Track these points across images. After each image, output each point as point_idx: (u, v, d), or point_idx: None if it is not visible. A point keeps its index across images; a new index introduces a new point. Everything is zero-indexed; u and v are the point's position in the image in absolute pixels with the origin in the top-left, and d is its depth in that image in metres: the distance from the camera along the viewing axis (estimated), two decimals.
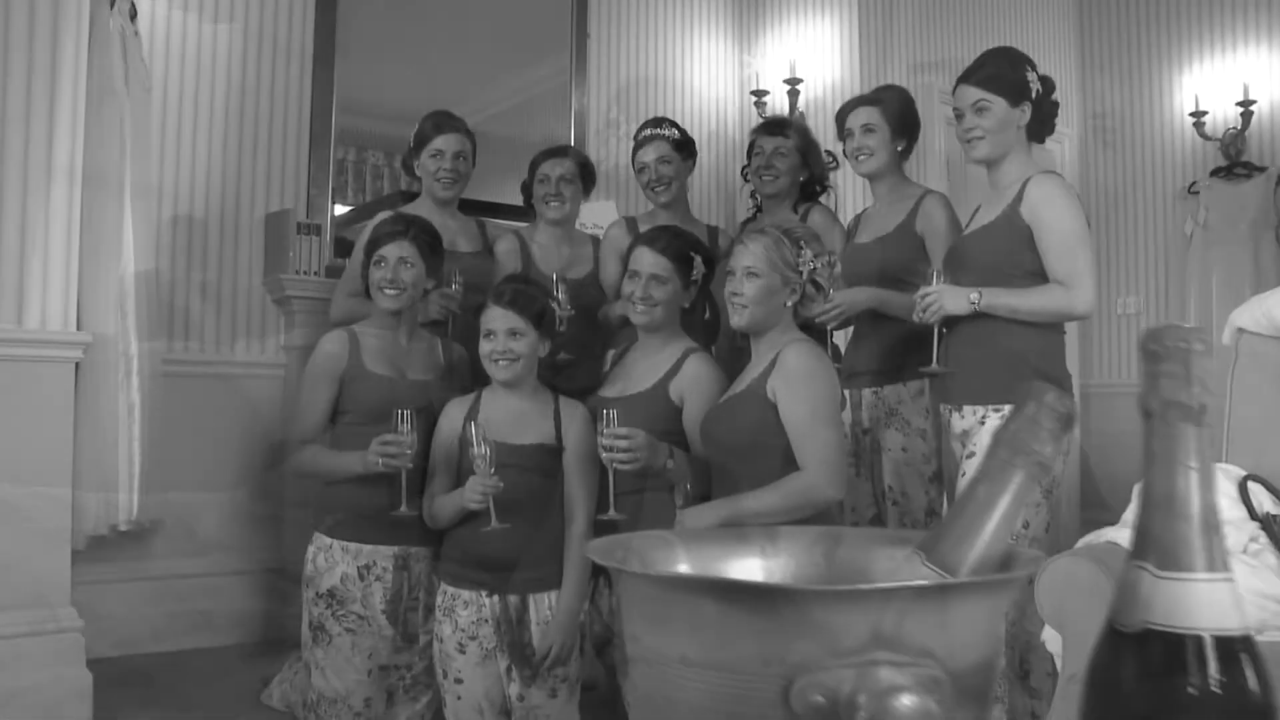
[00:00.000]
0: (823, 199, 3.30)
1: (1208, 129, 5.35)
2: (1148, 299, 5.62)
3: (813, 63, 5.02)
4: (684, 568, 0.64)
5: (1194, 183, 5.35)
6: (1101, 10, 5.88)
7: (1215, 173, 5.27)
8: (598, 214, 4.16)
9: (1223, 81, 5.31)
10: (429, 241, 2.72)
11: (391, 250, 2.65)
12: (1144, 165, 5.66)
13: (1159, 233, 5.53)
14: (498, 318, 2.49)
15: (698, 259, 2.61)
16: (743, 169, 3.41)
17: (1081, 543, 1.84)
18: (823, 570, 0.67)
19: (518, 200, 3.48)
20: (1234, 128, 5.24)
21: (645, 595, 0.52)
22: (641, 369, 2.61)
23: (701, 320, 2.75)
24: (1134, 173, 5.68)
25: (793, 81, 4.98)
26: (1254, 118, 5.20)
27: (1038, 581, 1.75)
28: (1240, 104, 5.20)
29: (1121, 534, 1.80)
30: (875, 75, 4.81)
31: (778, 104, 5.09)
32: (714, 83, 5.38)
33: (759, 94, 5.15)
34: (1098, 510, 4.72)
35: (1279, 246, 5.05)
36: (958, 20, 5.29)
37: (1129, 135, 5.71)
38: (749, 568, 0.66)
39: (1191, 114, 5.39)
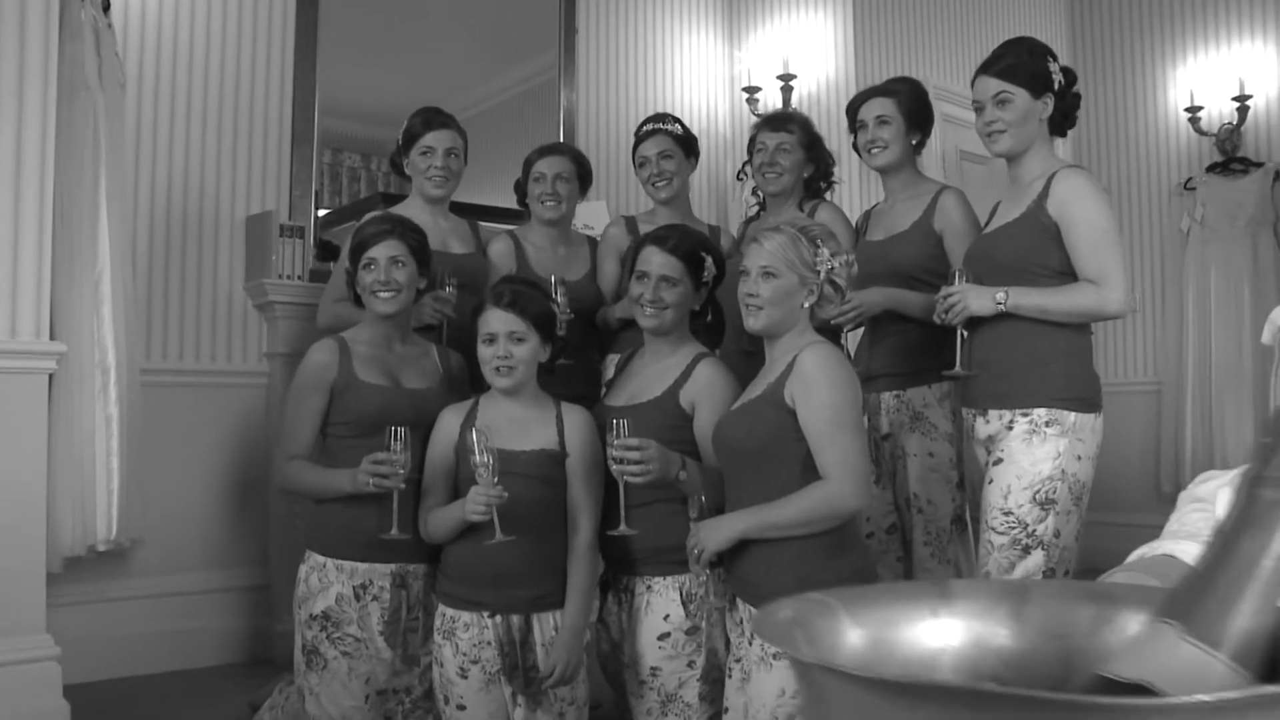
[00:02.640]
0: (828, 195, 3.19)
1: (1203, 124, 5.29)
2: (1144, 296, 5.56)
3: (806, 58, 4.92)
4: (854, 637, 0.52)
5: (1190, 179, 5.30)
6: (1093, 3, 5.83)
7: (1211, 168, 5.22)
8: (589, 214, 4.05)
9: (1218, 76, 5.26)
10: (417, 239, 2.62)
11: (380, 251, 2.54)
12: (1139, 161, 5.60)
13: (1155, 229, 5.47)
14: (498, 320, 2.37)
15: (709, 259, 2.50)
16: (743, 165, 3.30)
17: (1134, 555, 1.73)
18: (1015, 635, 0.55)
19: (504, 201, 3.36)
20: (1230, 123, 5.19)
21: (857, 702, 0.39)
22: (649, 376, 2.50)
23: (705, 324, 2.63)
24: (1128, 169, 5.62)
25: (786, 78, 4.87)
26: (1250, 113, 5.15)
27: None
28: (1236, 99, 5.15)
29: (1178, 546, 1.68)
30: (869, 71, 4.73)
31: (770, 101, 4.99)
32: (705, 79, 5.28)
33: (751, 90, 5.05)
34: (1104, 511, 4.64)
35: (1277, 242, 5.00)
36: (947, 14, 5.21)
37: (1123, 131, 5.66)
38: (928, 633, 0.54)
39: (1186, 109, 5.34)
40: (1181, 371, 5.24)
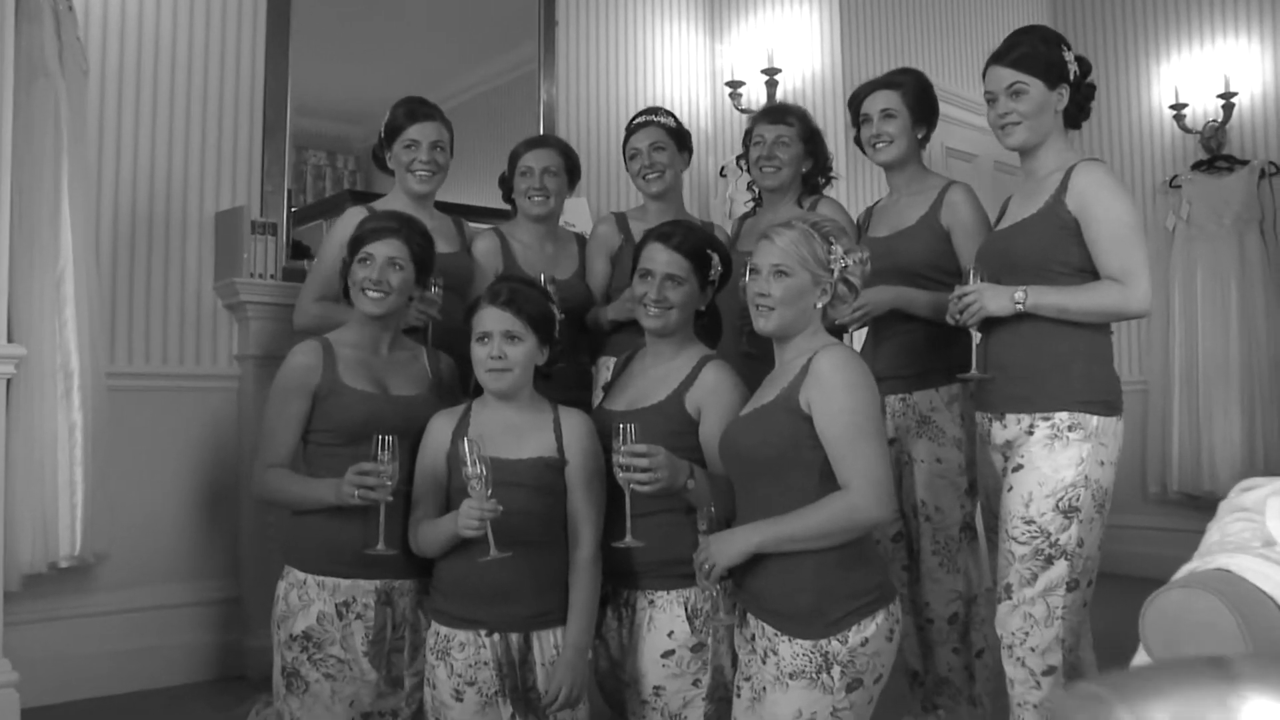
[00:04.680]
0: (827, 191, 3.10)
1: (1188, 121, 5.26)
2: None
3: (791, 52, 4.82)
4: None
5: (1175, 176, 5.26)
6: None
7: (1196, 166, 5.18)
8: (571, 211, 3.94)
9: (1203, 73, 5.22)
10: (422, 244, 2.48)
11: (380, 249, 2.41)
12: (1123, 158, 5.56)
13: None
14: (493, 318, 2.25)
15: (715, 257, 2.39)
16: (737, 159, 3.20)
17: (1184, 570, 1.63)
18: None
19: (480, 200, 3.23)
20: (1215, 120, 5.16)
21: None
22: (652, 379, 2.39)
23: (702, 325, 2.53)
24: (1113, 166, 5.56)
25: (770, 72, 4.77)
26: (1235, 110, 5.12)
27: (1144, 615, 1.54)
28: (1221, 96, 5.11)
29: (1232, 560, 1.59)
30: (856, 65, 4.65)
31: (754, 95, 4.89)
32: (686, 73, 5.17)
33: (734, 85, 4.94)
34: None
35: (1263, 241, 4.97)
36: (933, 8, 5.15)
37: (1107, 128, 5.61)
38: None
39: (1171, 106, 5.30)
40: (1168, 371, 5.19)
